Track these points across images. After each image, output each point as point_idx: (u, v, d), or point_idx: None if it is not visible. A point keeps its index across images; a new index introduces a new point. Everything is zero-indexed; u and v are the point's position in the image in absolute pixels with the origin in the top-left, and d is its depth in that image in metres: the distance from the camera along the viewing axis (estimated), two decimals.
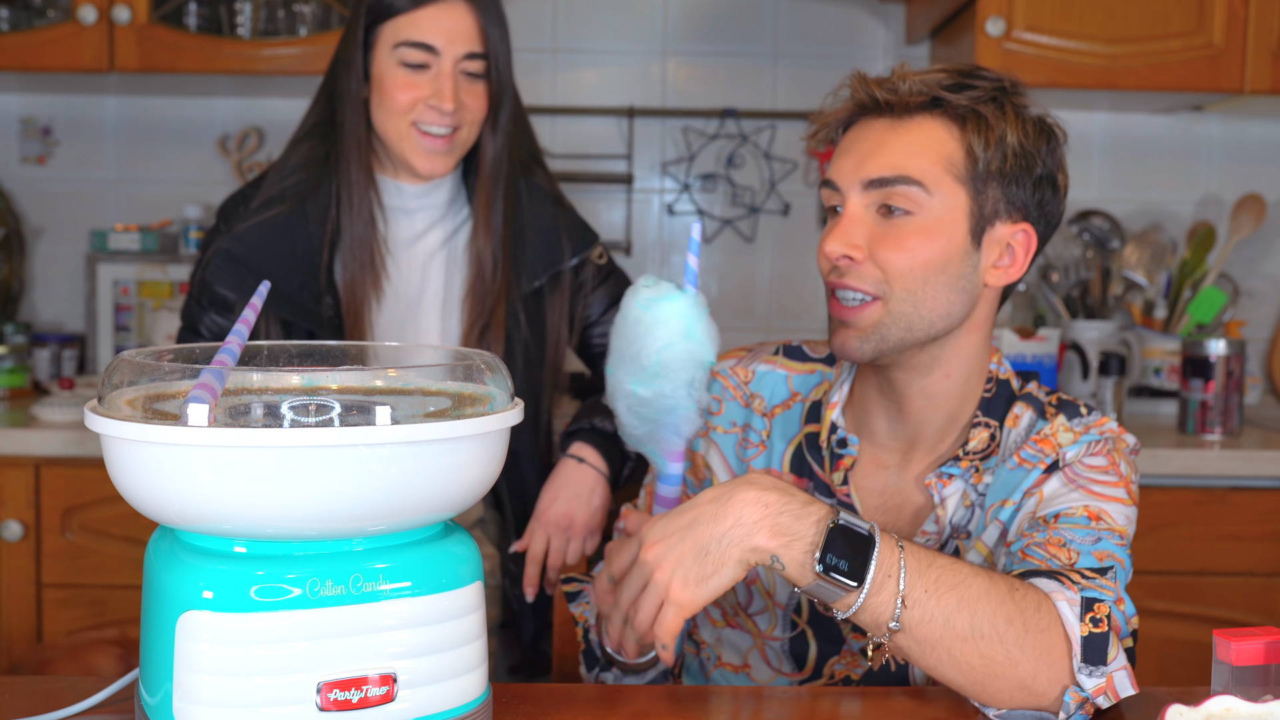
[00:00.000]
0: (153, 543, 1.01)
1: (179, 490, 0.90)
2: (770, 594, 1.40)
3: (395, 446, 0.91)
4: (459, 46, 1.67)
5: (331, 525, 0.92)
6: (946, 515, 1.32)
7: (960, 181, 1.26)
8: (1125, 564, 1.21)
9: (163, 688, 0.93)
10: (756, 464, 1.42)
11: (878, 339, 1.27)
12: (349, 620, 0.93)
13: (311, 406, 0.90)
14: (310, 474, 0.89)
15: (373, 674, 0.93)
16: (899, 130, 1.27)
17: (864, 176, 1.27)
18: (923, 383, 1.32)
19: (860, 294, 1.27)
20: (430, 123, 1.68)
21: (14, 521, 2.27)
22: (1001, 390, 1.35)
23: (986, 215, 1.27)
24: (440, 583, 0.97)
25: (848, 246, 1.26)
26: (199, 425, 0.88)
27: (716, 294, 2.94)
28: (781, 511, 1.08)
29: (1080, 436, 1.30)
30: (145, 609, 0.98)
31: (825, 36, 2.91)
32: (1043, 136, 1.30)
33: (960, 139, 1.26)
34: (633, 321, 1.21)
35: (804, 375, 1.44)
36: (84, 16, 2.45)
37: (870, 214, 1.27)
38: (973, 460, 1.32)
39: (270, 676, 0.90)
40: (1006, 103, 1.28)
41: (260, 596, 0.91)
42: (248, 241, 1.71)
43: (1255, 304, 2.93)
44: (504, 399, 1.00)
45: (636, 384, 1.21)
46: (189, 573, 0.92)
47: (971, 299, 1.29)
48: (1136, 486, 1.29)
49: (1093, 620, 1.11)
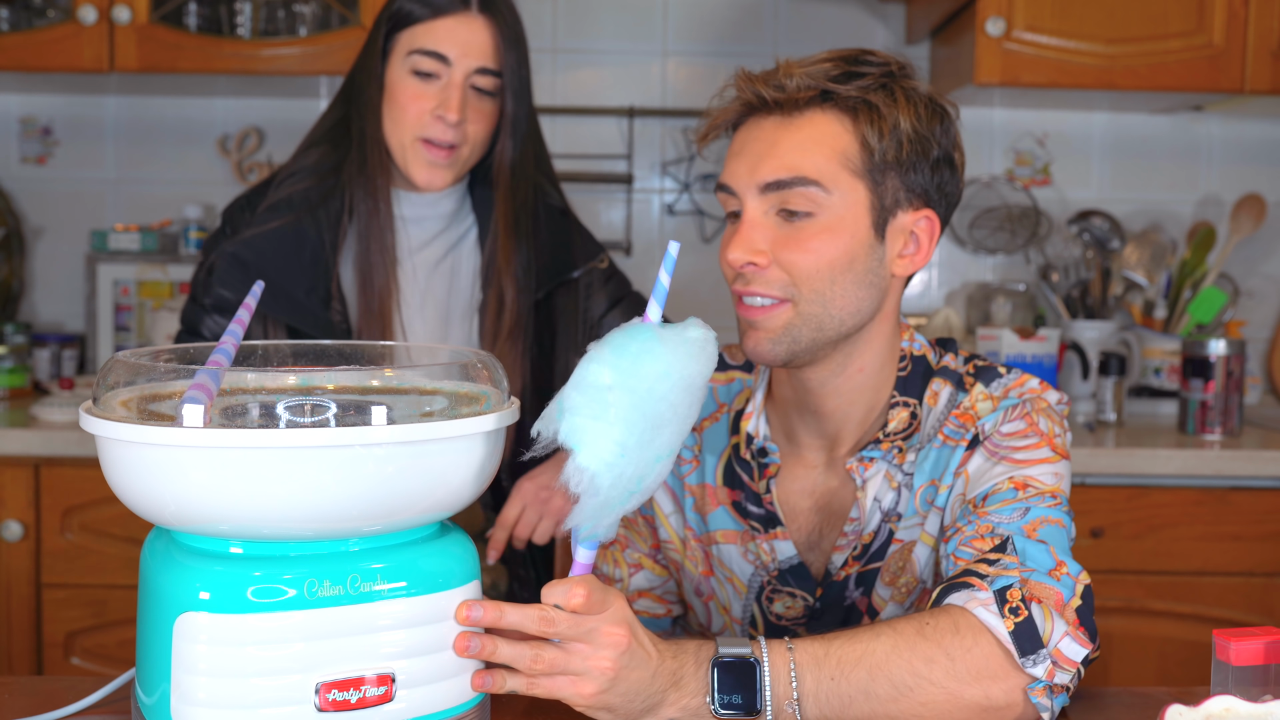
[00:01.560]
0: (149, 543, 1.01)
1: (174, 491, 0.90)
2: (727, 609, 1.39)
3: (391, 446, 0.91)
4: (472, 60, 1.67)
5: (328, 525, 0.92)
6: (868, 497, 1.30)
7: (858, 175, 1.23)
8: (1064, 523, 1.19)
9: (159, 688, 0.93)
10: (690, 480, 1.40)
11: (789, 340, 1.24)
12: (346, 620, 0.93)
13: (307, 407, 0.90)
14: (306, 474, 0.89)
15: (370, 674, 0.93)
16: (790, 128, 1.24)
17: (760, 180, 1.23)
18: (837, 381, 1.30)
19: (768, 297, 1.24)
20: (435, 134, 1.67)
21: (14, 521, 2.27)
22: (917, 367, 1.33)
23: (888, 206, 1.25)
24: (437, 582, 0.97)
25: (751, 253, 1.23)
26: (194, 426, 0.88)
27: (717, 294, 2.94)
28: (675, 672, 1.05)
29: (999, 403, 1.28)
30: (141, 609, 0.98)
31: (825, 36, 2.91)
32: (936, 117, 1.26)
33: (853, 131, 1.23)
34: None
35: (726, 385, 1.42)
36: (84, 16, 2.45)
37: (770, 217, 1.24)
38: (894, 441, 1.30)
39: (268, 677, 0.91)
40: (896, 88, 1.25)
41: (257, 597, 0.90)
42: (255, 246, 1.70)
43: (1255, 304, 2.93)
44: (500, 398, 1.00)
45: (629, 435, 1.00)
46: (186, 574, 0.92)
47: (880, 292, 1.27)
48: (1065, 439, 1.27)
49: (1011, 610, 1.10)
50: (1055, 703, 1.10)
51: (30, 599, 2.29)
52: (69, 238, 2.90)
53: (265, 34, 2.57)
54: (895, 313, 1.32)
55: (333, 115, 1.78)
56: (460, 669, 0.98)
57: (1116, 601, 2.29)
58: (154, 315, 2.72)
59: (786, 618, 1.36)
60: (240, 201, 1.79)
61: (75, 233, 2.89)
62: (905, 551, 1.30)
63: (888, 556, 1.31)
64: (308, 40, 2.52)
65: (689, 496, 1.40)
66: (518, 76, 1.71)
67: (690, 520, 1.40)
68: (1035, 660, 1.08)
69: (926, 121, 1.25)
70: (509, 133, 1.74)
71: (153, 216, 2.89)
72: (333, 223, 1.72)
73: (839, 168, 1.23)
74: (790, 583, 1.34)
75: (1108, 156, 2.94)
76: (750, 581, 1.36)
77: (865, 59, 1.25)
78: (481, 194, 1.81)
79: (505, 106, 1.73)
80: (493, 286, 1.76)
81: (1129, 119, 2.92)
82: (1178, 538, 2.29)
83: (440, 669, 0.97)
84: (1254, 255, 2.92)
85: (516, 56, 1.71)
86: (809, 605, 1.34)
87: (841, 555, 1.32)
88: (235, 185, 2.88)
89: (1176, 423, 2.52)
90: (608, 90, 2.91)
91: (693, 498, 1.40)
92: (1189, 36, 2.46)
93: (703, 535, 1.39)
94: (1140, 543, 2.29)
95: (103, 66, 2.47)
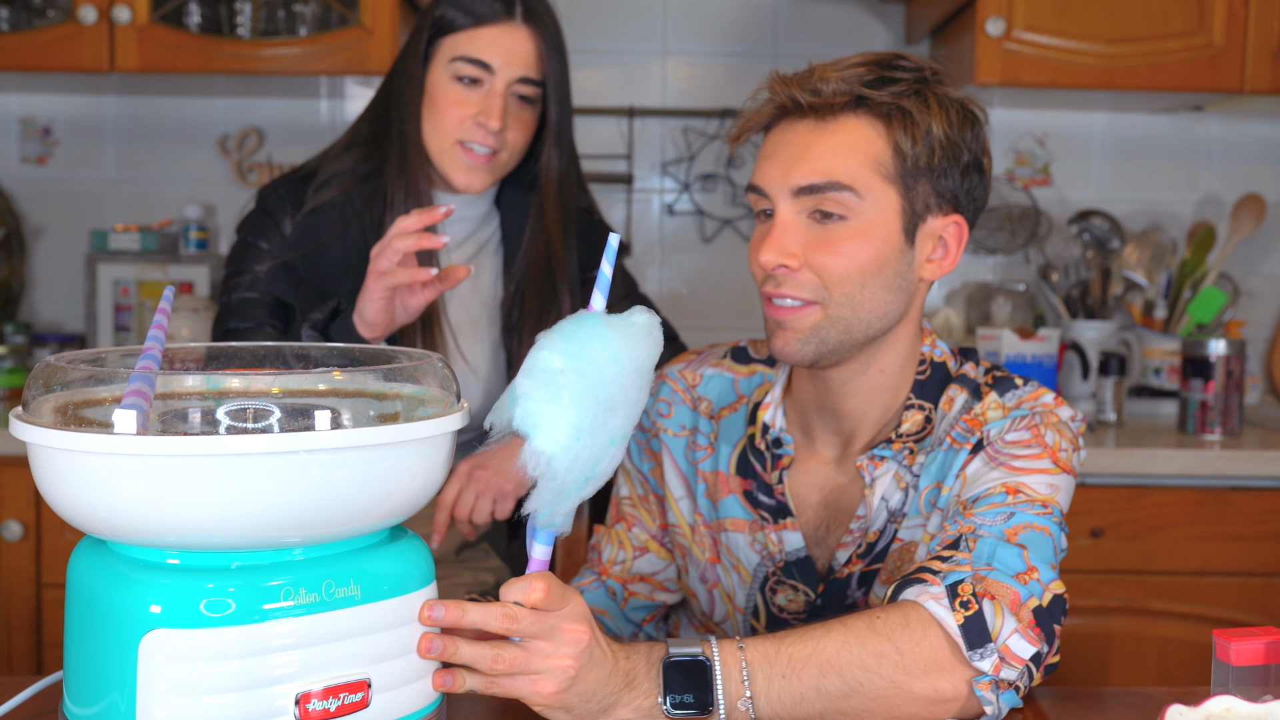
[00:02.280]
0: (79, 553, 0.96)
1: (108, 499, 0.86)
2: (731, 598, 1.40)
3: (337, 452, 0.88)
4: (514, 69, 1.69)
5: (270, 534, 0.89)
6: (876, 496, 1.31)
7: (890, 181, 1.25)
8: (1050, 531, 1.19)
9: (97, 702, 0.89)
10: (704, 466, 1.42)
11: (817, 341, 1.26)
12: (319, 629, 0.90)
13: (250, 411, 0.87)
14: (251, 481, 0.86)
15: (324, 685, 0.91)
16: (824, 132, 1.25)
17: (793, 184, 1.25)
18: (858, 381, 1.31)
19: (798, 299, 1.26)
20: (475, 140, 1.69)
21: (14, 521, 2.27)
22: (936, 372, 1.34)
23: (918, 211, 1.27)
24: (392, 589, 0.95)
25: (783, 256, 1.24)
26: (129, 433, 0.84)
27: (717, 294, 2.94)
28: (628, 673, 1.05)
29: (1010, 412, 1.29)
30: (75, 620, 0.94)
31: (825, 36, 2.91)
32: (967, 123, 1.28)
33: (887, 137, 1.24)
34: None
35: (748, 377, 1.44)
36: (84, 16, 2.45)
37: (802, 220, 1.25)
38: (905, 442, 1.31)
39: (218, 695, 0.87)
40: (929, 93, 1.26)
41: (210, 611, 0.87)
42: (306, 256, 1.72)
43: (1255, 304, 2.93)
44: (449, 402, 0.98)
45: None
46: (138, 589, 0.88)
47: (908, 296, 1.29)
48: (1070, 454, 1.27)
49: (962, 604, 1.10)
50: (1002, 700, 1.10)
51: (30, 599, 2.29)
52: (69, 238, 2.90)
53: (265, 34, 2.56)
54: (919, 316, 1.33)
55: (370, 117, 1.80)
56: (416, 675, 0.97)
57: (1116, 601, 2.29)
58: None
59: (789, 610, 1.36)
60: (280, 190, 1.78)
61: (75, 233, 2.89)
62: (906, 551, 1.30)
63: (888, 556, 1.31)
64: (308, 40, 2.52)
65: (701, 483, 1.42)
66: (560, 86, 1.75)
67: (701, 506, 1.42)
68: (983, 654, 1.09)
69: (958, 127, 1.27)
70: (553, 142, 1.77)
71: (153, 216, 2.89)
72: (375, 225, 1.74)
73: (871, 173, 1.24)
74: (795, 575, 1.35)
75: (1108, 156, 2.94)
76: (755, 571, 1.37)
77: (899, 64, 1.26)
78: (511, 194, 1.82)
79: (549, 115, 1.76)
80: (530, 285, 1.77)
81: (1129, 119, 2.92)
82: (1178, 538, 2.29)
83: (403, 673, 0.95)
84: (1254, 255, 2.92)
85: (559, 65, 1.74)
86: (810, 600, 1.35)
87: (846, 552, 1.33)
88: (235, 185, 2.88)
89: (1176, 423, 2.52)
90: (608, 90, 2.91)
91: (705, 484, 1.41)
92: (1189, 36, 2.46)
93: (712, 522, 1.40)
94: (1140, 543, 2.29)
95: (103, 66, 2.47)
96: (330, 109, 2.90)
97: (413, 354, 1.05)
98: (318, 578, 0.91)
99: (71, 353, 0.98)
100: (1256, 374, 2.89)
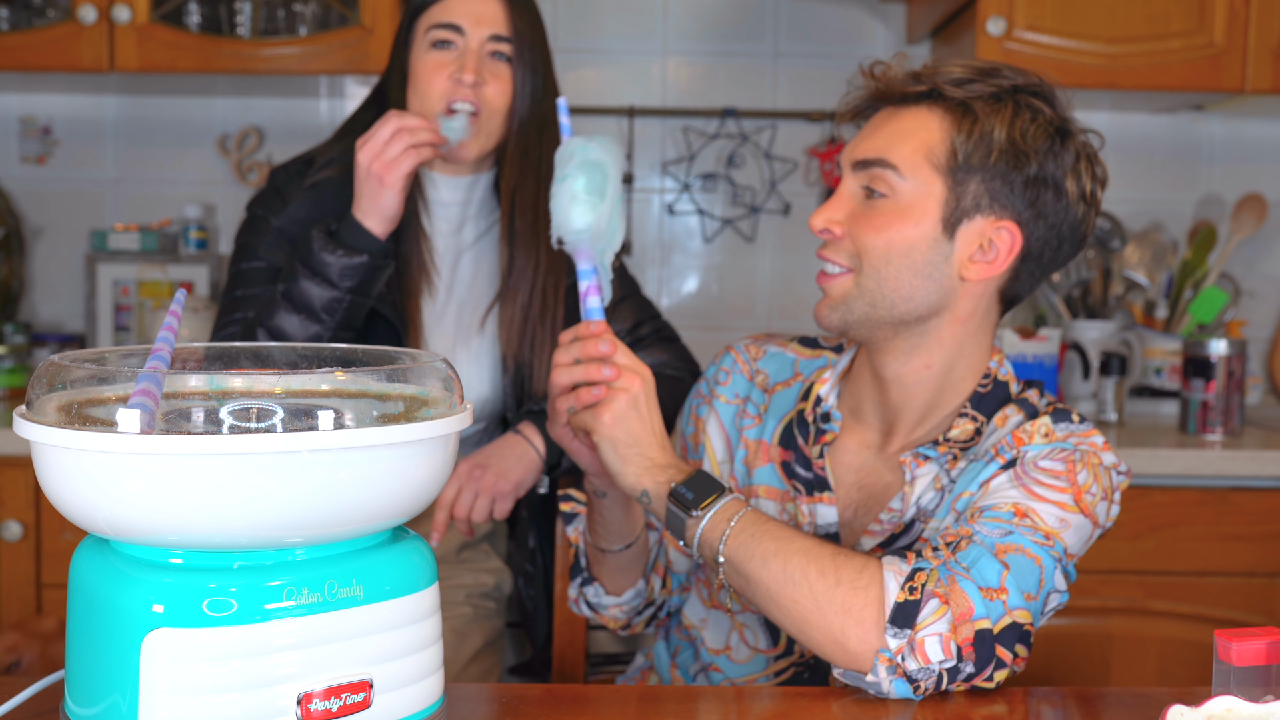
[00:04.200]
0: (81, 552, 0.96)
1: (111, 498, 0.86)
2: None
3: (340, 452, 0.88)
4: (485, 28, 1.75)
5: (272, 534, 0.89)
6: (914, 494, 1.33)
7: (938, 171, 1.29)
8: (1041, 561, 1.19)
9: (99, 702, 0.89)
10: (750, 434, 1.47)
11: (844, 309, 1.33)
12: (321, 629, 0.90)
13: (253, 411, 0.87)
14: (254, 481, 0.85)
15: (326, 685, 0.90)
16: (895, 117, 1.33)
17: (853, 157, 1.34)
18: (901, 369, 1.35)
19: (837, 265, 1.34)
20: (457, 98, 1.73)
21: (14, 521, 2.27)
22: (998, 391, 1.36)
23: (965, 207, 1.29)
24: (395, 589, 0.95)
25: (828, 222, 1.33)
26: (133, 432, 0.84)
27: (717, 294, 2.94)
28: (669, 464, 1.29)
29: (1054, 441, 1.29)
30: (77, 620, 0.94)
31: (825, 36, 2.91)
32: (1047, 138, 1.30)
33: (946, 129, 1.29)
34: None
35: (810, 360, 1.49)
36: (84, 16, 2.45)
37: (858, 194, 1.34)
38: (951, 447, 1.33)
39: (220, 694, 0.87)
40: (1011, 100, 1.30)
41: (212, 611, 0.87)
42: (299, 222, 1.77)
43: (1256, 304, 2.93)
44: (452, 403, 0.98)
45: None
46: (140, 588, 0.88)
47: (940, 288, 1.31)
48: (1098, 501, 1.26)
49: (910, 589, 1.15)
50: (894, 685, 1.13)
51: (30, 599, 2.29)
52: (69, 238, 2.90)
53: (265, 34, 2.56)
54: (974, 321, 1.34)
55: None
56: (419, 675, 0.96)
57: (1117, 602, 2.29)
58: (154, 315, 2.72)
59: None
60: (289, 169, 1.84)
61: (75, 233, 2.89)
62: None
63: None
64: (308, 40, 2.52)
65: (742, 449, 1.47)
66: (531, 34, 1.77)
67: (737, 470, 1.47)
68: (896, 634, 1.13)
69: (1031, 137, 1.29)
70: (525, 88, 1.77)
71: (152, 216, 2.89)
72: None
73: (922, 159, 1.29)
74: None
75: (1108, 156, 2.89)
76: None
77: (1000, 72, 1.32)
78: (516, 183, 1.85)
79: (520, 61, 1.77)
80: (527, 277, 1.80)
81: (1130, 118, 2.92)
82: (1179, 538, 2.29)
83: (405, 674, 0.95)
84: (1255, 255, 2.92)
85: (528, 20, 1.78)
86: None
87: (871, 540, 1.35)
88: (235, 185, 2.88)
89: (1177, 423, 2.52)
90: (608, 90, 2.91)
91: (745, 450, 1.47)
92: (1190, 36, 2.46)
93: (744, 487, 1.46)
94: (1141, 543, 2.29)
95: (103, 66, 2.47)
96: (330, 108, 2.90)
97: (416, 355, 1.05)
98: (320, 578, 0.91)
99: (74, 352, 0.98)
100: (1257, 374, 2.89)
